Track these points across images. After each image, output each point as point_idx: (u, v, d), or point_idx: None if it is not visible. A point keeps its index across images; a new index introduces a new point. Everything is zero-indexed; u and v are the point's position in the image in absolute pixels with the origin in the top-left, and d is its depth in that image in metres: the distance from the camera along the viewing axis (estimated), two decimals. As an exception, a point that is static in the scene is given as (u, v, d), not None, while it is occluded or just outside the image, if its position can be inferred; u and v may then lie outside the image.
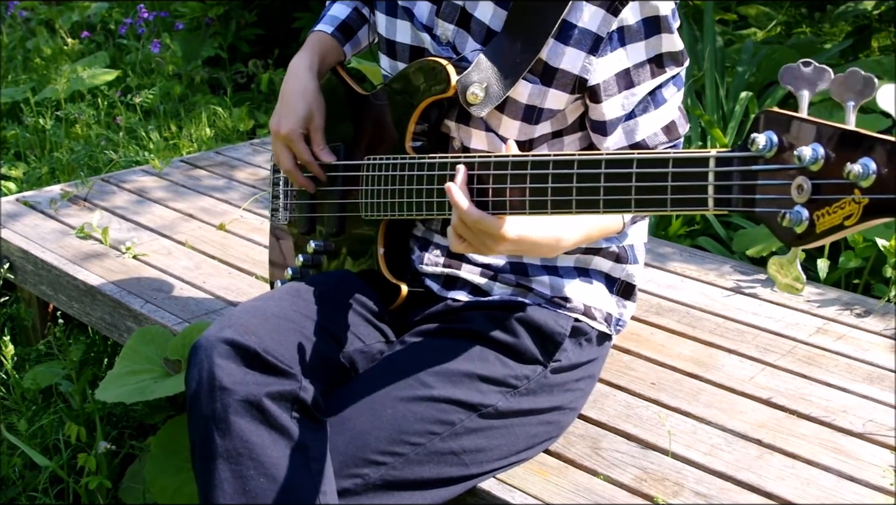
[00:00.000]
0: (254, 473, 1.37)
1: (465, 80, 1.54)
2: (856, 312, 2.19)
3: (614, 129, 1.55)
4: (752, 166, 1.10)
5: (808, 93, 1.12)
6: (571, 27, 1.51)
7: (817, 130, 1.03)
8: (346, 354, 1.60)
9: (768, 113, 1.09)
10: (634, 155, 1.24)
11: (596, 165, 1.27)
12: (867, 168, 0.97)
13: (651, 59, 1.52)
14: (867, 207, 0.98)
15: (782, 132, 1.07)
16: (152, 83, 4.37)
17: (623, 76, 1.52)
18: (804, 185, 1.03)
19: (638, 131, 1.54)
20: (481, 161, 1.41)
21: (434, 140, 1.65)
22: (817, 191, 1.03)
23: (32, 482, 2.22)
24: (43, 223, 2.69)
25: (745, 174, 1.11)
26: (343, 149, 1.75)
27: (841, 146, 1.01)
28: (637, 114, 1.54)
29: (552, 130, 1.61)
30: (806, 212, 1.03)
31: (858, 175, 0.97)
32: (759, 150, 1.08)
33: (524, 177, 1.35)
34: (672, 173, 1.19)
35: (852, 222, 1.00)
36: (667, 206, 1.20)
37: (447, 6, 1.61)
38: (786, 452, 1.69)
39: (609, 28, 1.49)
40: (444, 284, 1.69)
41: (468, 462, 1.53)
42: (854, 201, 0.99)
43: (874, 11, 4.00)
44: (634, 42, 1.51)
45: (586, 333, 1.67)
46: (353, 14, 1.85)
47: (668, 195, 1.20)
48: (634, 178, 1.23)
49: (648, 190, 1.22)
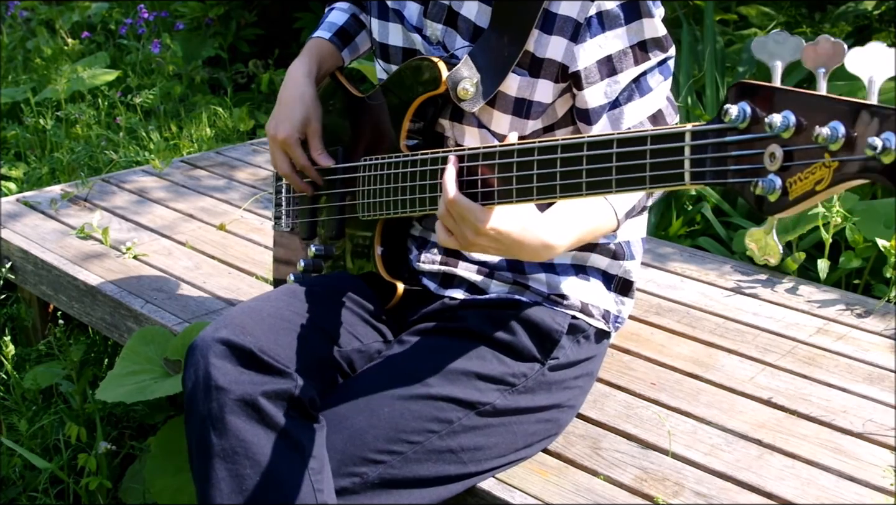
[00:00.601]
0: (250, 472, 1.37)
1: (456, 75, 1.55)
2: (856, 313, 2.19)
3: (598, 117, 1.55)
4: (725, 137, 1.11)
5: (781, 63, 1.13)
6: (553, 16, 1.52)
7: (788, 98, 1.03)
8: (344, 353, 1.60)
9: (741, 84, 1.09)
10: (614, 135, 1.24)
11: (578, 149, 1.28)
12: (836, 131, 0.97)
13: (634, 46, 1.52)
14: (837, 170, 0.98)
15: (755, 102, 1.07)
16: (152, 83, 4.37)
17: (605, 63, 1.52)
18: (776, 153, 1.03)
19: (623, 120, 1.54)
20: (470, 153, 1.41)
21: (429, 139, 1.66)
22: (789, 158, 1.03)
23: (33, 482, 2.22)
24: (43, 223, 2.69)
25: (718, 146, 1.11)
26: (341, 152, 1.76)
27: (811, 112, 1.01)
28: (622, 102, 1.54)
29: (543, 126, 1.62)
30: (779, 180, 1.03)
31: (827, 138, 0.97)
32: (731, 121, 1.08)
33: (510, 165, 1.36)
34: (650, 151, 1.19)
35: (823, 186, 1.00)
36: (646, 184, 1.21)
37: (434, 6, 1.62)
38: (786, 452, 1.69)
39: (587, 13, 1.50)
40: (441, 283, 1.69)
41: (467, 460, 1.53)
42: (824, 165, 0.99)
43: (874, 11, 4.00)
44: (615, 28, 1.51)
45: (584, 331, 1.67)
46: (351, 20, 1.87)
47: (647, 172, 1.20)
48: (615, 157, 1.24)
49: (628, 169, 1.22)
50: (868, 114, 0.96)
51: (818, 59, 1.09)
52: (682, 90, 3.34)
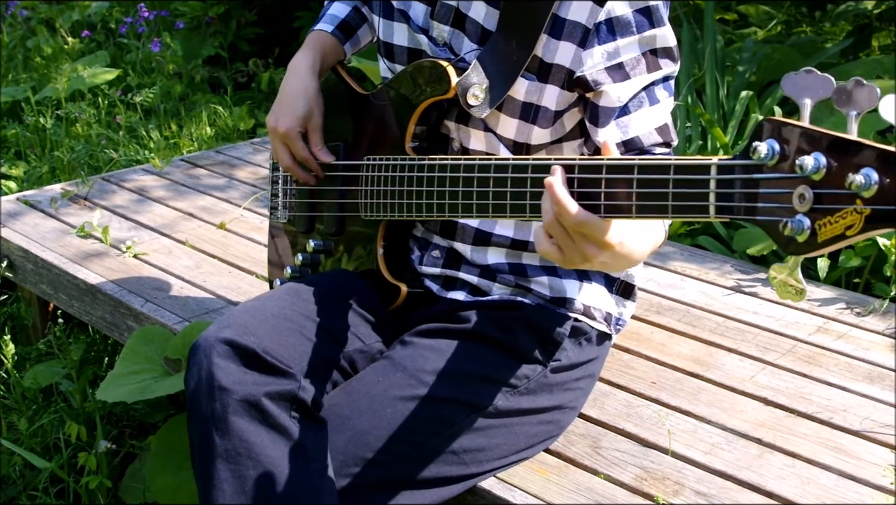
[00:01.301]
0: (253, 473, 1.37)
1: (466, 81, 1.54)
2: (856, 311, 2.19)
3: (608, 120, 1.53)
4: (753, 174, 1.10)
5: (810, 101, 1.12)
6: (562, 21, 1.51)
7: (819, 140, 1.02)
8: (346, 353, 1.59)
9: (770, 121, 1.08)
10: (635, 161, 1.23)
11: (597, 171, 1.26)
12: (869, 179, 0.96)
13: (646, 53, 1.52)
14: (869, 218, 0.98)
15: (784, 141, 1.06)
16: (153, 82, 4.37)
17: (617, 69, 1.52)
18: (806, 195, 1.03)
19: (631, 126, 1.53)
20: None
21: (433, 141, 1.65)
22: (819, 200, 1.02)
23: (33, 481, 2.22)
24: (43, 222, 2.69)
25: (746, 182, 1.11)
26: (343, 148, 1.75)
27: (843, 156, 1.00)
28: (631, 109, 1.53)
29: (552, 139, 1.61)
30: (808, 221, 1.03)
31: (860, 185, 0.97)
32: (760, 159, 1.08)
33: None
34: (673, 180, 1.18)
35: (854, 232, 1.00)
36: (668, 213, 1.20)
37: (441, 7, 1.61)
38: (786, 451, 1.69)
39: (596, 19, 1.50)
40: (444, 285, 1.69)
41: (468, 461, 1.53)
42: (856, 211, 0.99)
43: (874, 11, 4.00)
44: (627, 35, 1.50)
45: (586, 333, 1.67)
46: (353, 13, 1.85)
47: (669, 202, 1.19)
48: (635, 183, 1.22)
49: (649, 196, 1.21)
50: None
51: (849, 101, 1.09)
52: (682, 89, 3.34)
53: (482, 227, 1.65)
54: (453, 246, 1.68)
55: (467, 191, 1.47)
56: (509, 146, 1.61)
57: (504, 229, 1.65)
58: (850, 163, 0.99)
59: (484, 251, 1.67)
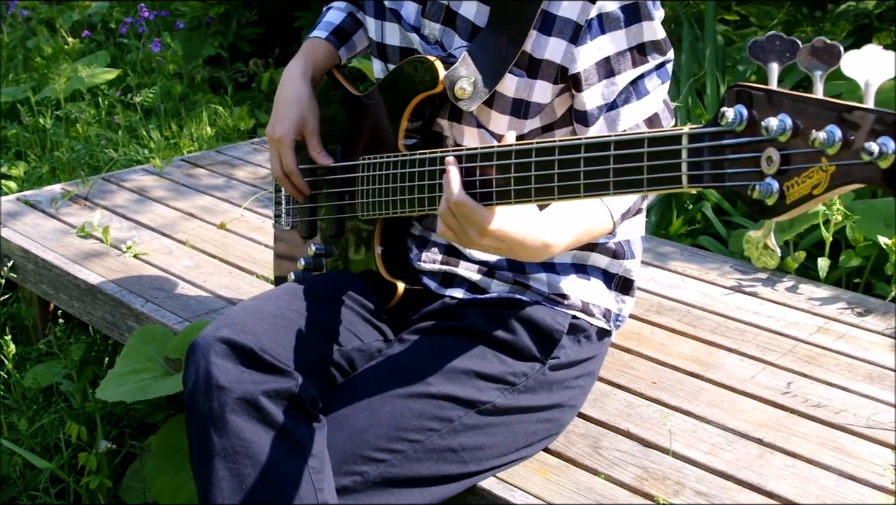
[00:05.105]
0: (251, 472, 1.37)
1: (453, 74, 1.55)
2: (856, 311, 2.19)
3: (595, 119, 1.55)
4: (722, 141, 1.10)
5: (777, 65, 1.12)
6: (553, 17, 1.52)
7: (785, 101, 1.03)
8: (344, 352, 1.60)
9: (737, 87, 1.08)
10: (612, 137, 1.24)
11: (576, 150, 1.28)
12: (832, 135, 0.97)
13: (632, 48, 1.52)
14: (834, 175, 0.98)
15: (752, 105, 1.07)
16: (153, 82, 4.37)
17: (603, 65, 1.52)
18: (773, 157, 1.03)
19: (619, 122, 1.54)
20: (468, 154, 1.41)
21: (427, 139, 1.66)
22: (786, 161, 1.02)
23: (33, 481, 2.22)
24: (43, 222, 2.69)
25: (715, 149, 1.11)
26: (340, 150, 1.76)
27: (808, 116, 1.00)
28: (619, 104, 1.54)
29: (542, 125, 1.62)
30: (776, 183, 1.03)
31: (824, 142, 0.97)
32: (728, 125, 1.08)
33: (508, 166, 1.35)
34: (647, 153, 1.19)
35: (821, 190, 1.00)
36: (643, 186, 1.20)
37: (432, 6, 1.62)
38: (786, 451, 1.69)
39: (587, 15, 1.50)
40: (442, 282, 1.69)
41: (467, 459, 1.53)
42: (821, 170, 0.99)
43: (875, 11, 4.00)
44: (614, 30, 1.51)
45: (585, 330, 1.67)
46: (348, 19, 1.87)
47: (644, 175, 1.20)
48: (612, 160, 1.23)
49: (625, 171, 1.22)
50: (865, 118, 0.95)
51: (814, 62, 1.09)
52: (682, 89, 3.34)
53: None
54: (451, 243, 1.68)
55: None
56: None
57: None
58: (815, 122, 0.99)
59: (482, 249, 1.67)
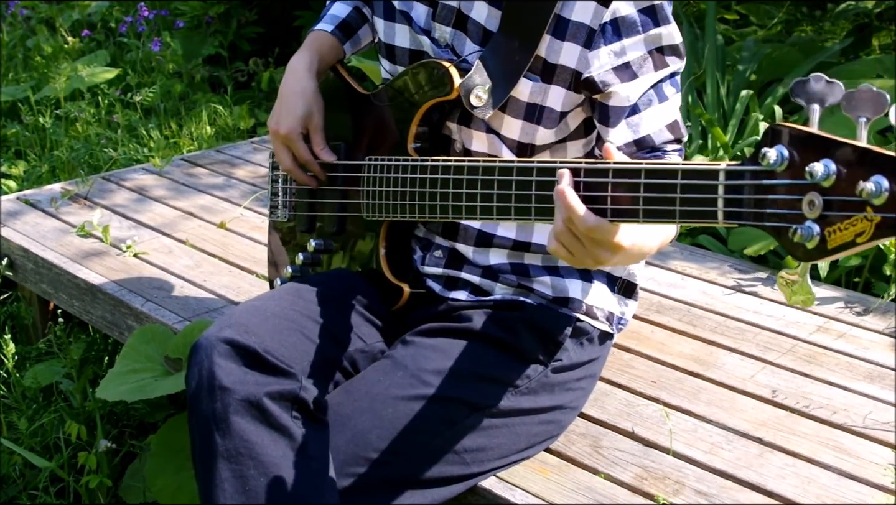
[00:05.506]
0: (254, 473, 1.37)
1: (468, 82, 1.54)
2: (856, 311, 2.19)
3: (618, 120, 1.53)
4: (763, 180, 1.10)
5: (819, 107, 1.12)
6: (566, 22, 1.51)
7: (829, 146, 1.02)
8: (348, 353, 1.59)
9: (779, 127, 1.08)
10: (642, 165, 1.23)
11: (603, 175, 1.26)
12: (880, 186, 0.96)
13: (652, 51, 1.52)
14: (879, 225, 0.97)
15: (793, 147, 1.06)
16: (153, 81, 4.37)
17: (624, 68, 1.51)
18: (816, 201, 1.02)
19: (642, 126, 1.53)
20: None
21: (435, 142, 1.65)
22: (829, 207, 1.02)
23: (33, 481, 2.22)
24: (43, 221, 2.69)
25: (755, 188, 1.10)
26: (343, 148, 1.75)
27: (853, 163, 1.00)
28: (641, 108, 1.53)
29: (556, 139, 1.61)
30: (817, 227, 1.03)
31: (871, 193, 0.96)
32: (769, 165, 1.08)
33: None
34: (681, 185, 1.18)
35: (864, 239, 0.99)
36: (675, 218, 1.20)
37: (443, 9, 1.61)
38: (786, 450, 1.69)
39: (601, 20, 1.49)
40: (446, 285, 1.69)
41: (469, 461, 1.53)
42: (866, 219, 0.98)
43: (875, 10, 4.00)
44: (632, 35, 1.50)
45: (588, 333, 1.67)
46: (354, 13, 1.85)
47: (676, 207, 1.19)
48: (642, 188, 1.22)
49: (657, 201, 1.21)
50: None
51: (858, 108, 1.09)
52: (682, 88, 3.34)
53: (484, 229, 1.65)
54: (455, 247, 1.68)
55: (472, 193, 1.47)
56: (513, 147, 1.61)
57: (506, 231, 1.65)
58: (860, 170, 0.99)
59: (486, 252, 1.67)
